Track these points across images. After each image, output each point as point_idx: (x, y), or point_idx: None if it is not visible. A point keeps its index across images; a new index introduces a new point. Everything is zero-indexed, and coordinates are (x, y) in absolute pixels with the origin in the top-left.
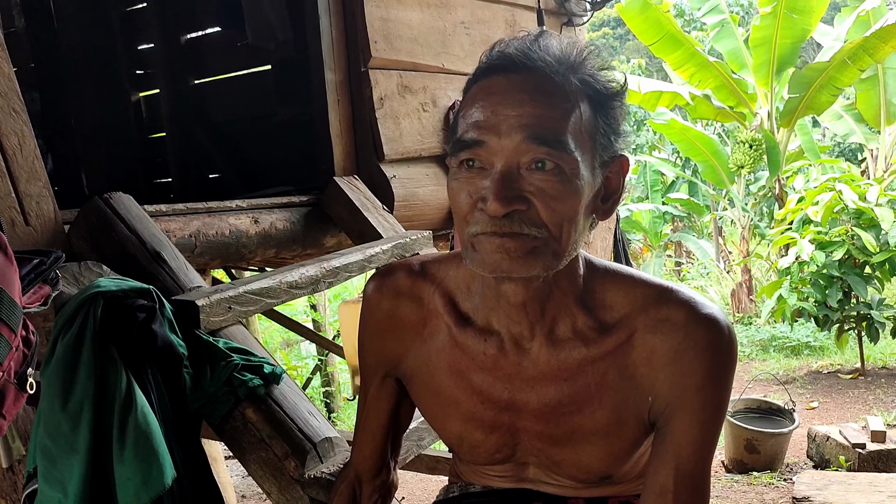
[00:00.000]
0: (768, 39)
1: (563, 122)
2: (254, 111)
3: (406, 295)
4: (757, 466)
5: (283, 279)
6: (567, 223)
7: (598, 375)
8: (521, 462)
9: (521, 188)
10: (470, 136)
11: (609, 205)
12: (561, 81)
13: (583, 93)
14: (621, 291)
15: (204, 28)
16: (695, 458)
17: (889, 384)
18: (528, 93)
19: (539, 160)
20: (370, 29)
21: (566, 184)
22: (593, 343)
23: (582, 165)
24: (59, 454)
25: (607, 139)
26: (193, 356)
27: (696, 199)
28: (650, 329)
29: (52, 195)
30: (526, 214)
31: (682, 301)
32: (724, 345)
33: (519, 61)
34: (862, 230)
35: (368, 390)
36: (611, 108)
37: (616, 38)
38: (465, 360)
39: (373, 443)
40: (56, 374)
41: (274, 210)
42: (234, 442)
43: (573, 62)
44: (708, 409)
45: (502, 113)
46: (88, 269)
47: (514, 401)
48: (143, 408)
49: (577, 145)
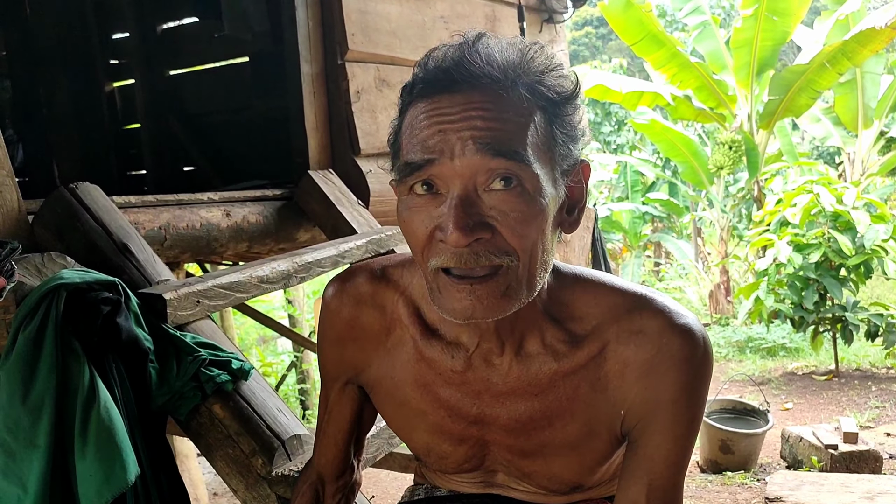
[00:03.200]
0: (749, 41)
1: (520, 134)
2: (230, 103)
3: (368, 303)
4: (731, 466)
5: (253, 273)
6: (537, 246)
7: (570, 389)
8: (490, 469)
9: (482, 213)
10: (418, 156)
11: (575, 216)
12: (510, 96)
13: (534, 103)
14: (592, 301)
15: (180, 18)
16: (667, 473)
17: (862, 386)
18: (475, 110)
19: (499, 176)
20: (348, 21)
21: (530, 203)
22: (564, 357)
23: (544, 180)
24: (19, 449)
25: (566, 147)
26: (160, 351)
27: (675, 199)
28: (623, 340)
29: (16, 185)
30: (491, 242)
31: (657, 311)
32: (699, 357)
33: (461, 77)
34: (838, 233)
35: (329, 395)
36: (565, 114)
37: (598, 37)
38: (431, 374)
39: (335, 447)
40: (16, 368)
41: (246, 203)
42: (200, 438)
43: (519, 68)
44: (682, 423)
45: (450, 130)
46: (52, 260)
47: (483, 416)
48: (106, 403)
49: (536, 158)
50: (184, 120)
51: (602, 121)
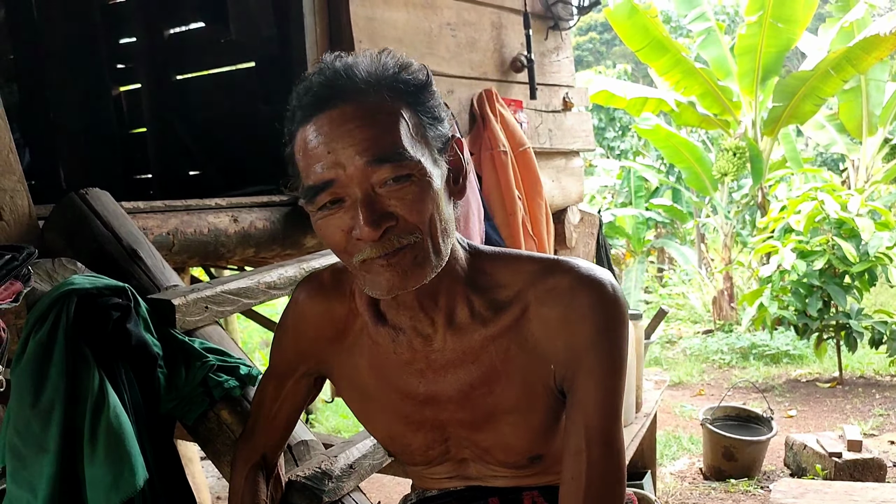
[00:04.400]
0: (753, 48)
1: (395, 133)
2: (237, 108)
3: (333, 292)
4: (734, 474)
5: (261, 279)
6: (434, 218)
7: (502, 352)
8: (458, 459)
9: (384, 206)
10: (319, 178)
11: (461, 183)
12: (376, 100)
13: (398, 100)
14: (510, 269)
15: (187, 23)
16: (600, 415)
17: (866, 393)
18: (352, 121)
19: (389, 176)
20: (355, 28)
21: (420, 186)
22: (490, 322)
23: (426, 164)
24: (29, 454)
25: (435, 129)
26: (168, 356)
27: (679, 205)
28: (541, 300)
29: (27, 190)
30: (398, 227)
31: (566, 268)
32: (608, 302)
33: (331, 96)
34: (842, 240)
35: (284, 383)
36: (426, 101)
37: (603, 42)
38: (381, 357)
39: (286, 430)
40: (27, 373)
41: (254, 209)
42: (208, 443)
43: (376, 74)
44: (604, 366)
45: (338, 148)
46: (62, 265)
47: (431, 393)
48: (115, 408)
49: (414, 149)
50: (190, 124)
51: (606, 126)
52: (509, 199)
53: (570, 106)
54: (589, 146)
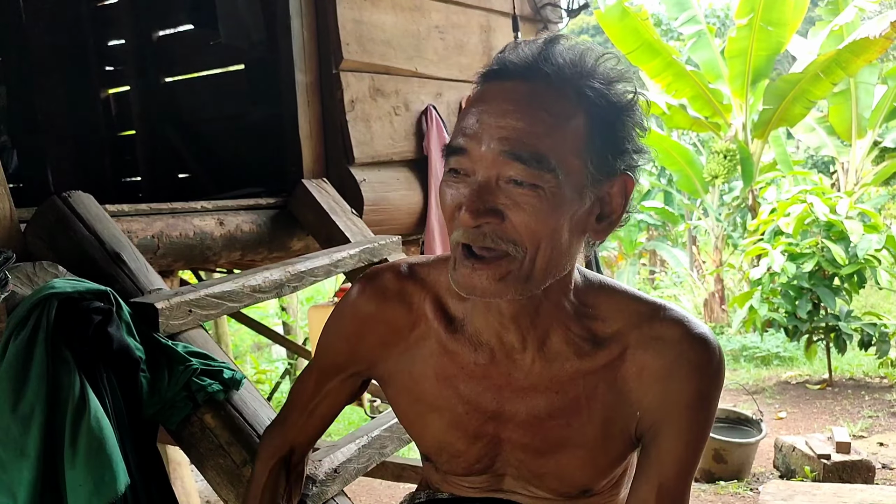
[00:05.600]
0: (744, 51)
1: (546, 137)
2: (226, 111)
3: (394, 298)
4: (724, 476)
5: (246, 283)
6: (545, 241)
7: (590, 388)
8: (498, 474)
9: (495, 200)
10: (457, 142)
11: (605, 224)
12: (555, 93)
13: (581, 106)
14: (616, 306)
15: (176, 25)
16: (678, 476)
17: (855, 395)
18: (513, 103)
19: (515, 177)
20: (342, 31)
21: (544, 200)
22: (587, 356)
23: (564, 184)
24: (8, 459)
25: (603, 157)
26: (151, 360)
27: (670, 208)
28: (643, 345)
29: (9, 193)
30: (500, 227)
31: (676, 319)
32: (714, 365)
33: (514, 68)
34: (832, 242)
35: (329, 380)
36: (614, 124)
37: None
38: (453, 367)
39: (322, 427)
40: (6, 377)
41: (240, 212)
42: (191, 448)
43: (579, 71)
44: (695, 428)
45: (486, 122)
46: (44, 269)
47: (502, 411)
48: (96, 412)
49: (559, 163)
50: (179, 127)
51: None
52: None
53: None
54: None
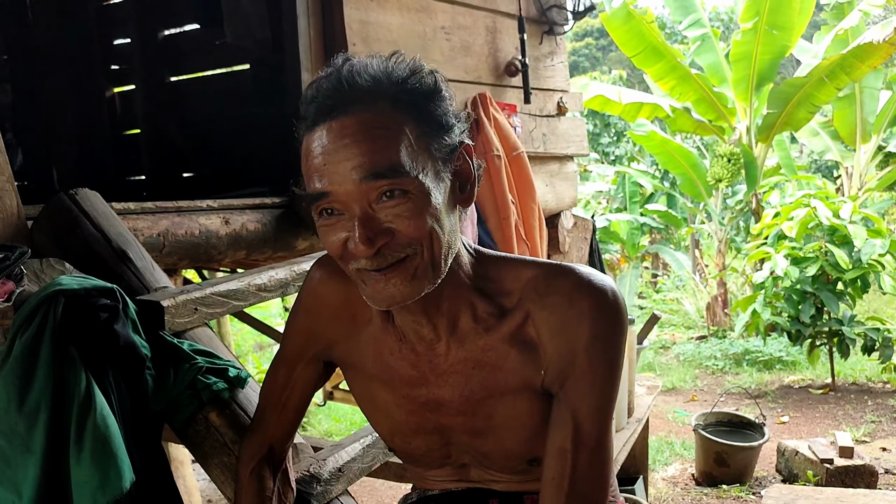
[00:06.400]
0: (748, 55)
1: (392, 148)
2: (230, 110)
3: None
4: (726, 479)
5: (251, 281)
6: (433, 231)
7: (502, 359)
8: (459, 464)
9: (380, 223)
10: (317, 188)
11: (468, 191)
12: (376, 111)
13: (400, 110)
14: (514, 275)
15: (182, 25)
16: (589, 419)
17: (858, 400)
18: (349, 135)
19: (384, 192)
20: (349, 31)
21: (417, 201)
22: (493, 329)
23: (425, 178)
24: (14, 455)
25: (440, 139)
26: (157, 358)
27: (674, 211)
28: (541, 305)
29: (16, 190)
30: (394, 242)
31: (567, 273)
32: (608, 307)
33: (332, 106)
34: (835, 247)
35: (294, 367)
36: (433, 110)
37: (599, 48)
38: (386, 356)
39: (296, 418)
40: (13, 374)
41: (245, 211)
42: (196, 446)
43: (380, 82)
44: (598, 371)
45: (334, 160)
46: (51, 266)
47: (434, 397)
48: (102, 409)
49: (413, 163)
50: (183, 126)
51: (601, 132)
52: (503, 204)
53: (564, 111)
54: (583, 151)
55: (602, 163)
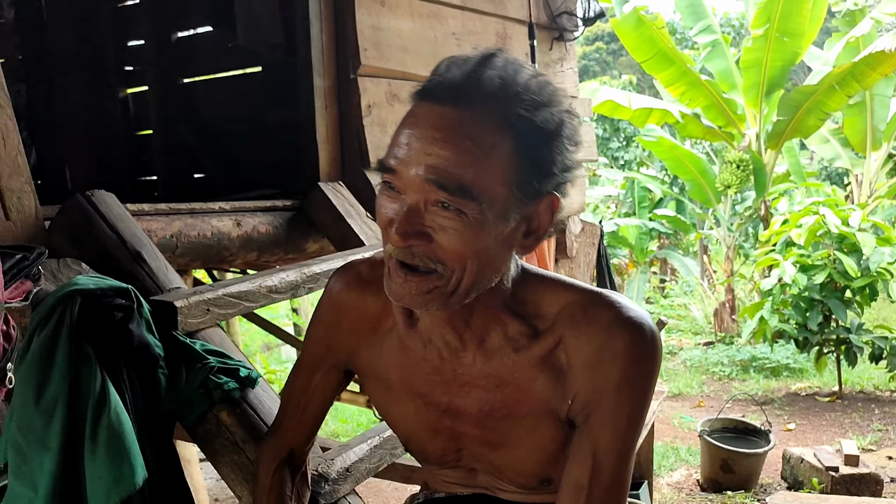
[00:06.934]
0: (759, 61)
1: (470, 167)
2: (242, 112)
3: (368, 287)
4: (731, 486)
5: (262, 283)
6: (470, 262)
7: (528, 380)
8: (469, 468)
9: (423, 224)
10: (389, 161)
11: (531, 241)
12: (481, 121)
13: (507, 133)
14: (552, 298)
15: (195, 27)
16: (609, 455)
17: (865, 408)
18: (440, 130)
19: (441, 201)
20: (361, 36)
21: (468, 225)
22: (524, 349)
23: (488, 210)
24: (31, 451)
25: (530, 182)
26: (169, 357)
27: (682, 216)
28: (576, 333)
29: (34, 191)
30: (428, 248)
31: (608, 305)
32: (645, 349)
33: (444, 92)
34: (844, 255)
35: (313, 374)
36: (541, 150)
37: (609, 53)
38: (409, 361)
39: (314, 424)
40: (30, 371)
41: (257, 213)
42: (207, 444)
43: (508, 97)
44: (624, 412)
45: (414, 147)
46: (67, 266)
47: (453, 405)
48: (116, 407)
49: (484, 191)
50: (196, 127)
51: (610, 137)
52: None
53: None
54: (591, 157)
55: (611, 167)
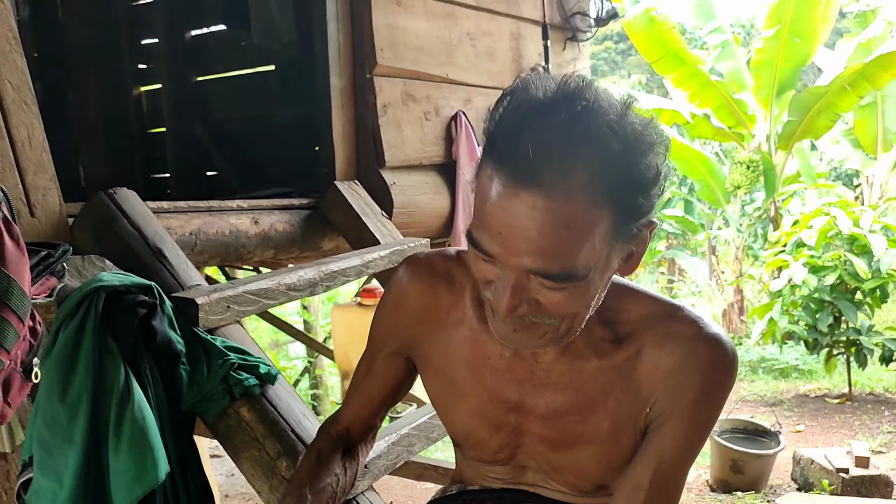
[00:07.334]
0: (770, 62)
1: (573, 254)
2: (255, 111)
3: (439, 278)
4: (741, 487)
5: (281, 281)
6: (580, 313)
7: (606, 387)
8: (521, 466)
9: (529, 292)
10: (481, 243)
11: (630, 264)
12: (581, 203)
13: (608, 202)
14: (634, 307)
15: (209, 25)
16: (673, 462)
17: (875, 410)
18: (535, 221)
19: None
20: (377, 36)
21: (576, 292)
22: (606, 355)
23: (594, 274)
24: (56, 445)
25: (630, 231)
26: (191, 353)
27: (691, 217)
28: (658, 344)
29: (59, 189)
30: (537, 310)
31: (691, 320)
32: (725, 364)
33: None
34: (854, 256)
35: (375, 359)
36: (642, 201)
37: (618, 52)
38: (481, 356)
39: (370, 406)
40: (55, 366)
41: (274, 211)
42: (227, 440)
43: (607, 163)
44: (696, 422)
45: (508, 238)
46: (91, 262)
47: (523, 403)
48: (140, 402)
49: (588, 266)
50: (209, 125)
51: None
52: None
53: None
54: None
55: None
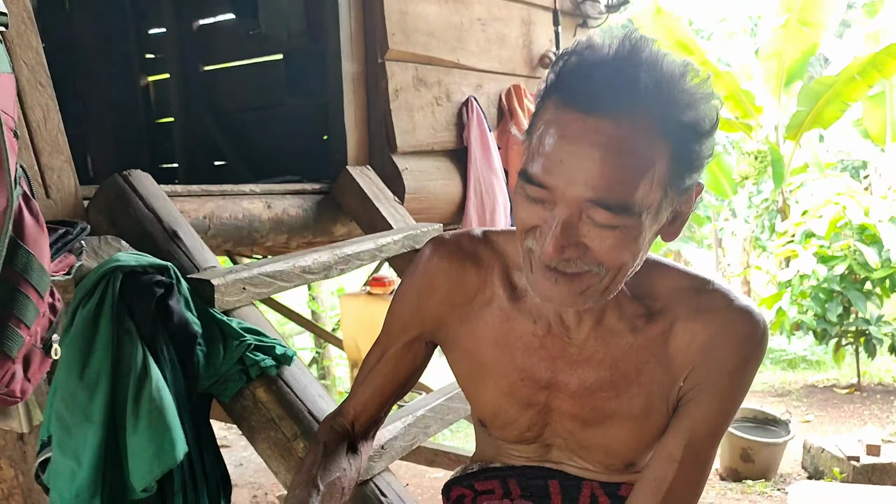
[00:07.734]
0: (778, 52)
1: (633, 184)
2: (263, 100)
3: (467, 259)
4: (751, 475)
5: (296, 263)
6: (628, 262)
7: (640, 363)
8: (546, 444)
9: (578, 234)
10: (537, 178)
11: (676, 226)
12: (642, 132)
13: (667, 140)
14: (665, 281)
15: (216, 15)
16: (706, 435)
17: (885, 400)
18: (599, 148)
19: (598, 220)
20: (388, 21)
21: (627, 234)
22: (639, 331)
23: (646, 217)
24: (74, 424)
25: (685, 178)
26: (207, 334)
27: (697, 208)
28: (691, 318)
29: (74, 170)
30: (584, 255)
31: (722, 292)
32: (758, 336)
33: (600, 101)
34: (864, 246)
35: (391, 345)
36: (698, 149)
37: None
38: (512, 336)
39: (378, 397)
40: (74, 345)
41: (286, 196)
42: (243, 421)
43: (666, 99)
44: (729, 394)
45: (569, 164)
46: (108, 243)
47: (555, 381)
48: (157, 382)
49: (644, 203)
50: (216, 115)
51: None
52: None
53: None
54: None
55: None
